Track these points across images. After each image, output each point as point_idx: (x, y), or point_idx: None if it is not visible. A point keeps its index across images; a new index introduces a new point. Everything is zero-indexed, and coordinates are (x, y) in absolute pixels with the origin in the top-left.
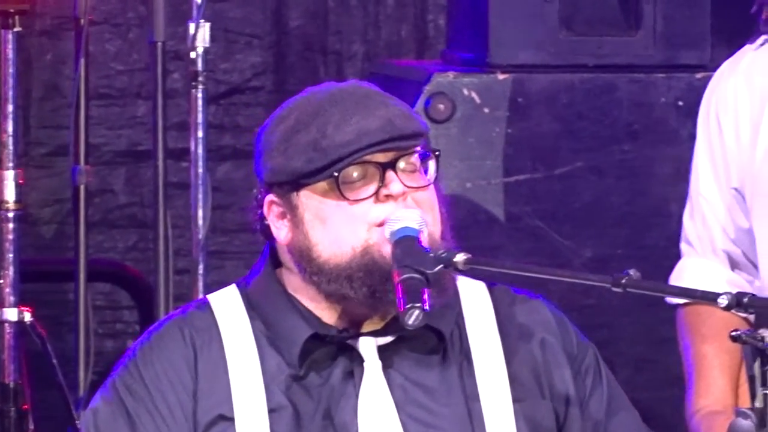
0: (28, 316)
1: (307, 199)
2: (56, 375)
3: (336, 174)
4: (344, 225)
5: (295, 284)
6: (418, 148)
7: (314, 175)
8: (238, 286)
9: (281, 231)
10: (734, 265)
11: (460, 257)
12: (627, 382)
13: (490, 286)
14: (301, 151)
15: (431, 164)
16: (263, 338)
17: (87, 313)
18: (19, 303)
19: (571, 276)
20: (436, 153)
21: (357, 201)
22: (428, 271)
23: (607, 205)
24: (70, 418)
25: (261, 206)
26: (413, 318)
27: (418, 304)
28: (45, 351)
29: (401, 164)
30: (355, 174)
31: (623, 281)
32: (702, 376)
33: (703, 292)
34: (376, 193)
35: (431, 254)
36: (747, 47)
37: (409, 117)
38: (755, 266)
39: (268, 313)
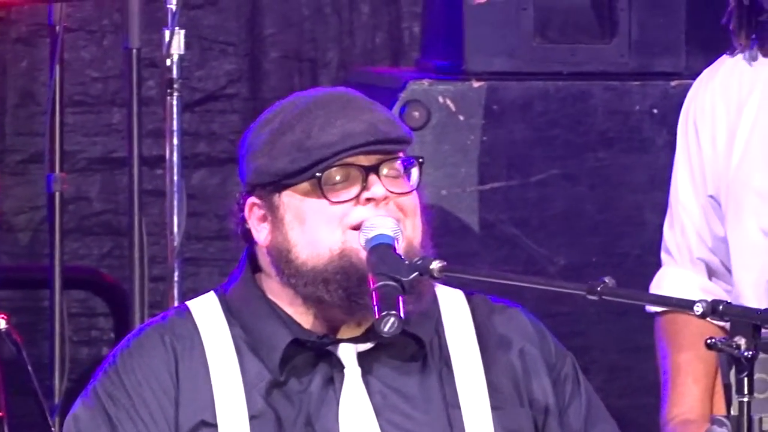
0: (3, 323)
1: (289, 200)
2: (31, 382)
3: (318, 174)
4: (323, 226)
5: (274, 289)
6: (402, 155)
7: (297, 174)
8: (216, 292)
9: (261, 233)
10: (712, 273)
11: (435, 265)
12: (601, 390)
13: (469, 295)
14: (286, 151)
15: (414, 171)
16: (243, 344)
17: (62, 320)
18: None
19: (546, 284)
20: (420, 160)
21: (338, 203)
22: (404, 279)
23: (581, 212)
24: (45, 426)
25: (242, 210)
26: (389, 325)
27: (394, 312)
28: (20, 358)
29: (384, 169)
30: (338, 176)
31: (599, 289)
32: (676, 384)
33: (678, 299)
34: (358, 196)
35: (406, 262)
36: (724, 56)
37: (394, 123)
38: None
39: (247, 319)
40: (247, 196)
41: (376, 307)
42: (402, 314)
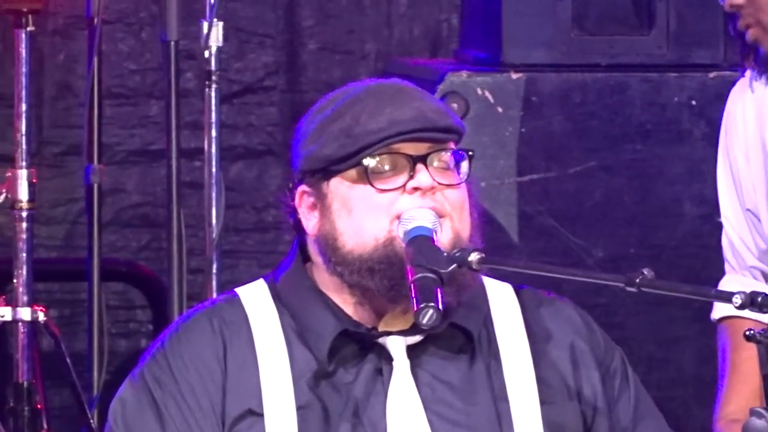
0: (41, 316)
1: (337, 187)
2: (70, 374)
3: (365, 161)
4: (369, 214)
5: (323, 278)
6: (452, 146)
7: (344, 161)
8: (266, 280)
9: (310, 222)
10: None
11: (473, 256)
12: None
13: (518, 289)
14: (334, 137)
15: (464, 165)
16: (292, 333)
17: (100, 313)
18: (33, 303)
19: (584, 275)
20: (470, 153)
21: (384, 191)
22: (442, 270)
23: (619, 204)
24: (83, 418)
25: (293, 199)
26: (427, 317)
27: (432, 304)
28: (58, 350)
29: (434, 161)
30: (386, 165)
31: (637, 280)
32: (731, 383)
33: (717, 291)
34: (404, 185)
35: (445, 253)
36: None
37: (444, 113)
38: None
39: (297, 308)
40: (299, 185)
41: (414, 300)
42: (441, 306)
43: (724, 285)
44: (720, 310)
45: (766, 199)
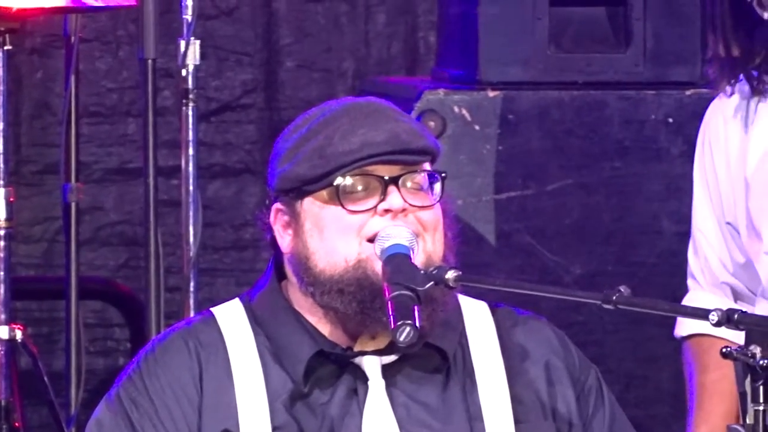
0: (19, 334)
1: (310, 207)
2: (48, 393)
3: (337, 182)
4: (339, 235)
5: (298, 297)
6: (426, 167)
7: (316, 181)
8: (241, 299)
9: (285, 240)
10: (737, 297)
11: (450, 274)
12: (616, 399)
13: (493, 307)
14: (307, 157)
15: (437, 186)
16: (267, 354)
17: (78, 331)
18: (11, 321)
19: (561, 293)
20: (443, 175)
21: (355, 212)
22: (419, 288)
23: (597, 221)
24: None
25: (269, 216)
26: (404, 335)
27: (409, 321)
28: (36, 369)
29: (408, 182)
30: (358, 186)
31: (614, 298)
32: (702, 405)
33: (694, 308)
34: (376, 206)
35: (422, 271)
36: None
37: (418, 134)
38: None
39: (272, 329)
40: (274, 202)
41: (391, 317)
42: (417, 324)
43: (691, 303)
44: (685, 327)
45: (745, 213)
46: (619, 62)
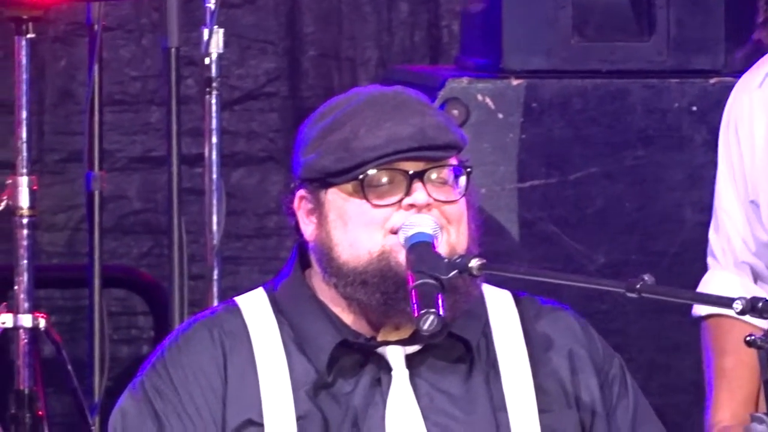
0: (42, 323)
1: (334, 198)
2: (71, 381)
3: (362, 176)
4: (363, 228)
5: (321, 287)
6: (453, 161)
7: (341, 174)
8: (265, 288)
9: (308, 228)
10: (757, 277)
11: (474, 263)
12: (639, 388)
13: (517, 296)
14: (333, 149)
15: (462, 179)
16: (291, 343)
17: (102, 319)
18: (34, 309)
19: (585, 281)
20: (468, 169)
21: (379, 206)
22: (443, 277)
23: (620, 210)
24: (85, 424)
25: (293, 201)
26: (428, 324)
27: (433, 310)
28: (60, 357)
29: (432, 176)
30: (383, 179)
31: (638, 286)
32: (720, 389)
33: (718, 297)
34: (400, 201)
35: (445, 260)
36: (765, 58)
37: (445, 129)
38: None
39: (296, 318)
40: (299, 188)
41: (415, 306)
42: (441, 312)
43: (710, 281)
44: (703, 307)
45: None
46: (642, 51)
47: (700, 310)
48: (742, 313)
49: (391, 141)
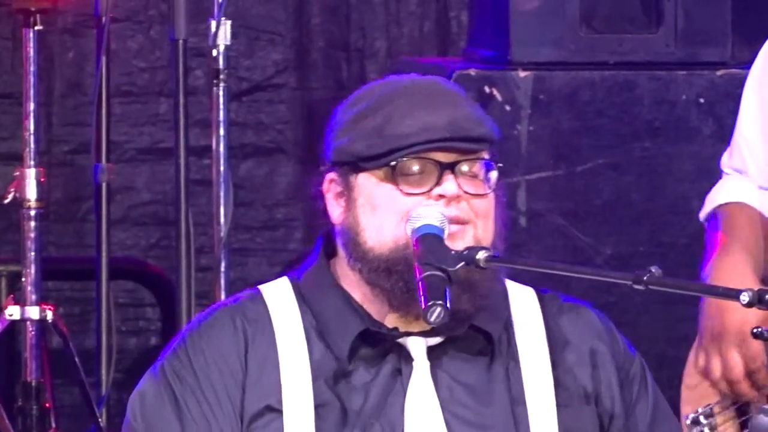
0: (50, 314)
1: (364, 183)
2: (78, 373)
3: (393, 163)
4: (391, 215)
5: (345, 272)
6: (485, 155)
7: (372, 160)
8: (289, 278)
9: (336, 210)
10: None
11: (481, 255)
12: None
13: (540, 293)
14: (366, 135)
15: (493, 174)
16: (313, 332)
17: (109, 311)
18: (41, 301)
19: (592, 273)
20: (499, 165)
21: (409, 194)
22: (450, 269)
23: (627, 202)
24: (92, 416)
25: (321, 183)
26: (435, 315)
27: (440, 302)
28: (67, 349)
29: (463, 168)
30: (414, 167)
31: (645, 278)
32: (734, 234)
33: (725, 289)
34: (430, 190)
35: (453, 252)
36: None
37: (478, 121)
38: None
39: (318, 306)
40: (329, 171)
41: (422, 298)
42: (448, 304)
43: (723, 188)
44: (711, 204)
45: None
46: (650, 42)
47: (709, 206)
48: (749, 305)
49: (423, 130)
